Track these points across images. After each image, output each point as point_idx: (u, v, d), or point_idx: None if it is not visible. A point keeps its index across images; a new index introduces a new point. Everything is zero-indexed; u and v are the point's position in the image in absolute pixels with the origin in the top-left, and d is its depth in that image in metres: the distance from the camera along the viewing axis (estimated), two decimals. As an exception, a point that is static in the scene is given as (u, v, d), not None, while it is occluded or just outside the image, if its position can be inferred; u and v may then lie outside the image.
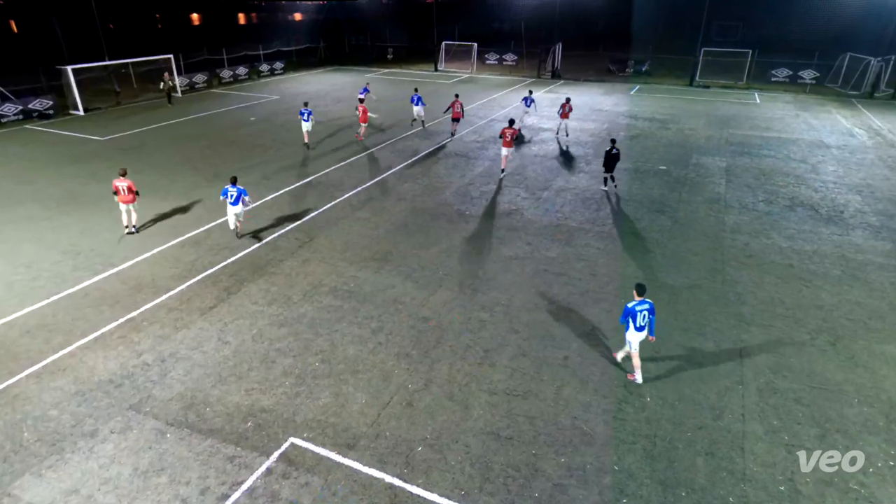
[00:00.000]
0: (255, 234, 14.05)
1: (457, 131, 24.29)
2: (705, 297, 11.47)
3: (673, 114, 29.06)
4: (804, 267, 12.70)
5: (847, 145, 22.96)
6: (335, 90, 36.15)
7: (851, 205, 16.41)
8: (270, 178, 18.31)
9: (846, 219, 15.39)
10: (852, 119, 27.97)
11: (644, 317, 8.68)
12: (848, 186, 17.96)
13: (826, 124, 26.80)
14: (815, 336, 10.19)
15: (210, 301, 11.18)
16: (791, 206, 16.32)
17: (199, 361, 9.44)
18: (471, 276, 12.26)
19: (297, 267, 12.57)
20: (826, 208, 16.11)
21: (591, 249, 13.54)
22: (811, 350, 9.80)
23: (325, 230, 14.51)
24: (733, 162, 20.59)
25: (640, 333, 8.76)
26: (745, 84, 37.69)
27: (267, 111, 29.29)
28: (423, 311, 10.87)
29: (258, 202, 16.28)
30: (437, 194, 17.21)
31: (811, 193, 17.31)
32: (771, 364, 9.42)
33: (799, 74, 36.93)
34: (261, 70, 41.53)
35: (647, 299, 8.76)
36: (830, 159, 20.96)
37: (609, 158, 17.29)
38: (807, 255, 13.24)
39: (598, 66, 43.76)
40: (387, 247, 13.60)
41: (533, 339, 10.05)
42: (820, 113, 29.51)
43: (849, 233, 14.51)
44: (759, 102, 32.81)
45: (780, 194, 17.23)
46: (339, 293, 11.51)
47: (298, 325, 10.40)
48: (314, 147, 21.88)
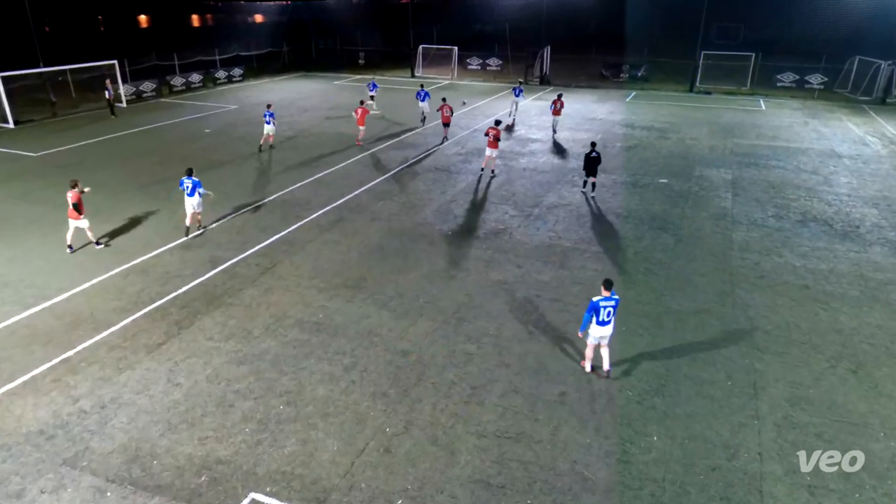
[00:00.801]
0: (203, 228, 14.58)
1: (448, 136, 25.68)
2: (714, 322, 11.60)
3: (673, 122, 29.75)
4: (820, 288, 12.95)
5: (860, 155, 23.68)
6: (301, 99, 36.31)
7: (868, 219, 16.85)
8: (228, 196, 18.20)
9: (863, 234, 15.79)
10: (864, 126, 28.92)
11: (609, 313, 9.49)
12: (863, 199, 18.47)
13: (837, 132, 27.66)
14: (834, 364, 10.34)
15: (158, 337, 10.99)
16: (803, 221, 16.70)
17: (146, 407, 9.21)
18: (455, 303, 12.24)
19: (258, 296, 12.44)
20: (841, 223, 16.52)
21: (588, 272, 13.65)
22: (831, 379, 9.93)
23: (290, 254, 14.42)
24: (739, 174, 21.07)
25: (604, 328, 9.56)
26: (748, 90, 38.85)
27: (224, 122, 29.26)
28: (401, 345, 10.80)
29: (213, 224, 16.15)
30: (416, 213, 17.25)
31: (824, 207, 17.76)
32: (788, 396, 9.51)
33: (806, 79, 38.19)
34: (217, 77, 41.62)
35: (613, 295, 9.49)
36: (843, 170, 21.57)
37: (589, 162, 18.35)
38: (822, 275, 13.51)
39: (590, 71, 44.76)
40: (360, 272, 13.54)
41: (525, 374, 10.01)
42: (830, 120, 30.48)
43: (866, 249, 14.87)
44: (764, 109, 33.79)
45: (792, 208, 17.64)
46: (307, 326, 11.39)
47: (260, 363, 10.24)
48: (279, 170, 21.79)
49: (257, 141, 24.35)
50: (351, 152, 23.46)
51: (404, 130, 27.44)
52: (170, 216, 16.66)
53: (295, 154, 23.33)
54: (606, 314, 9.48)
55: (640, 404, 9.31)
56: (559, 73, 44.28)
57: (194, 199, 15.01)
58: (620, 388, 9.66)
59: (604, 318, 9.49)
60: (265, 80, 44.80)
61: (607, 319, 9.51)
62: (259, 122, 29.06)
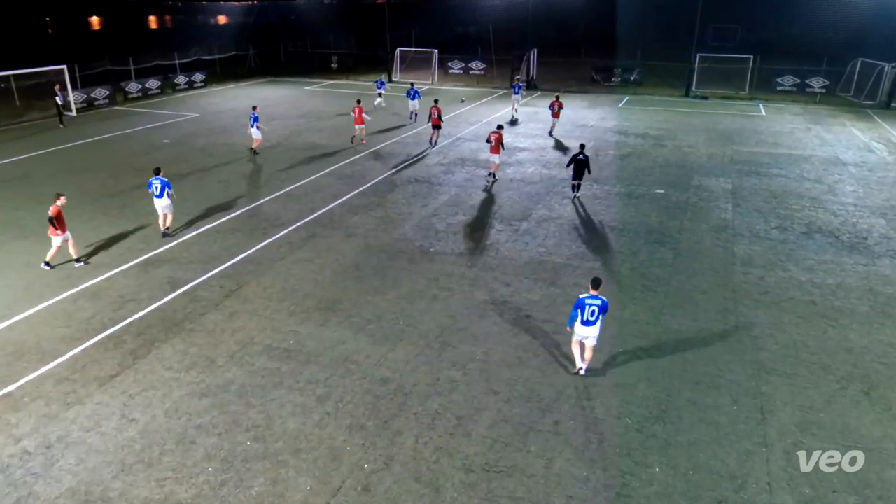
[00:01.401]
0: (168, 232, 14.73)
1: (437, 140, 26.56)
2: (717, 342, 11.70)
3: (668, 129, 30.24)
4: (828, 303, 13.15)
5: (865, 162, 24.24)
6: (268, 106, 36.31)
7: (875, 230, 17.20)
8: (189, 212, 18.06)
9: (871, 246, 16.10)
10: (869, 132, 29.65)
11: (593, 312, 10.07)
12: (870, 209, 18.87)
13: (841, 138, 28.32)
14: (845, 385, 10.47)
15: (111, 368, 10.81)
16: (808, 232, 17.00)
17: (97, 446, 9.02)
18: (438, 326, 12.21)
19: (222, 322, 12.32)
20: (848, 234, 16.84)
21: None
22: (843, 402, 10.04)
23: (258, 275, 14.33)
24: (740, 183, 21.44)
25: (588, 328, 10.17)
26: (747, 94, 39.70)
27: (184, 132, 29.14)
28: (380, 372, 10.73)
29: (173, 242, 16.01)
30: (395, 228, 17.26)
31: (830, 218, 18.10)
32: (798, 420, 9.60)
33: (807, 82, 39.15)
34: (176, 83, 41.55)
35: (600, 295, 10.15)
36: (848, 178, 22.05)
37: (577, 164, 19.18)
38: (830, 290, 13.73)
39: (579, 75, 45.44)
40: (334, 294, 13.47)
41: (516, 402, 9.99)
42: (833, 126, 31.21)
43: (875, 262, 15.15)
44: (764, 114, 34.51)
45: (795, 219, 17.96)
46: (276, 353, 11.29)
47: (225, 395, 10.11)
48: (245, 183, 21.71)
49: (221, 152, 24.30)
50: (323, 163, 23.46)
51: (381, 140, 27.53)
52: (124, 234, 16.48)
53: (262, 166, 23.27)
54: (591, 313, 10.05)
55: (640, 432, 9.32)
56: (547, 77, 44.86)
57: (163, 200, 15.91)
58: (619, 415, 9.67)
59: (588, 317, 10.07)
60: (229, 85, 44.77)
61: (592, 319, 10.07)
62: (223, 131, 29.06)
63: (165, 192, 15.97)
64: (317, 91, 43.01)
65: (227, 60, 49.94)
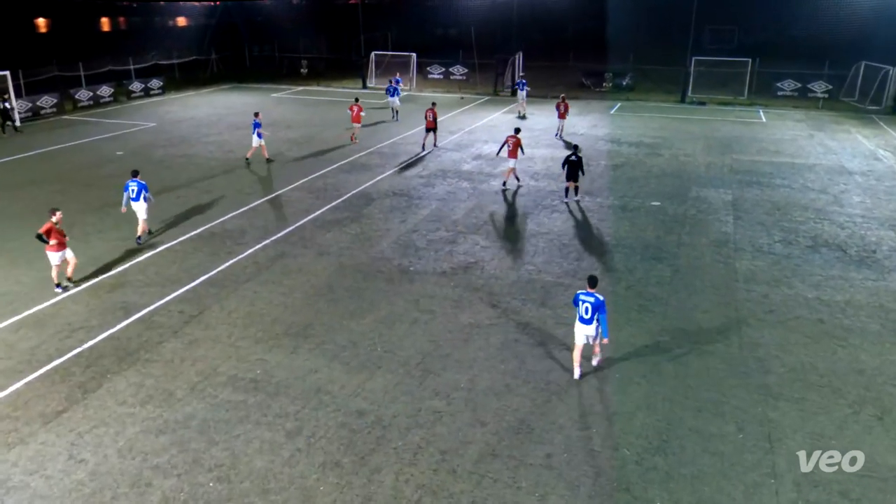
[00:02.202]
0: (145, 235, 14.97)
1: (427, 144, 27.83)
2: (720, 366, 11.78)
3: (664, 136, 30.67)
4: (836, 322, 13.33)
5: (872, 171, 24.76)
6: (232, 114, 36.25)
7: (885, 242, 17.52)
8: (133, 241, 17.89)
9: (880, 260, 16.39)
10: (875, 139, 30.32)
11: (586, 309, 10.80)
12: (878, 220, 19.24)
13: (845, 146, 28.91)
14: (857, 409, 10.58)
15: (58, 404, 10.63)
16: (814, 246, 17.27)
17: (42, 491, 8.83)
18: (419, 352, 12.17)
19: (181, 350, 12.18)
20: (855, 248, 17.13)
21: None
22: (855, 427, 10.14)
23: (221, 299, 14.21)
24: (741, 194, 21.76)
25: (585, 327, 10.90)
26: (746, 99, 40.44)
27: (140, 143, 28.97)
28: (356, 403, 10.66)
29: (128, 263, 15.84)
30: (372, 246, 17.24)
31: (836, 230, 18.42)
32: (808, 448, 9.66)
33: (809, 87, 40.00)
34: (131, 90, 41.40)
35: (595, 293, 10.81)
36: (855, 188, 22.49)
37: (570, 166, 20.16)
38: (838, 308, 13.92)
39: (568, 80, 46.00)
40: (305, 318, 13.40)
41: (505, 434, 9.96)
42: (837, 132, 31.87)
43: (885, 277, 15.41)
44: (764, 121, 35.15)
45: (800, 232, 18.24)
46: (241, 384, 11.17)
47: (185, 431, 9.98)
48: (207, 199, 21.61)
49: (179, 164, 24.15)
50: (293, 176, 23.42)
51: (356, 150, 27.57)
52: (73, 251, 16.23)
53: (226, 179, 23.17)
54: (585, 310, 10.81)
55: (640, 465, 9.32)
56: (534, 82, 45.13)
57: (139, 203, 16.84)
58: (616, 446, 9.68)
59: (583, 314, 10.85)
60: (189, 92, 44.66)
61: (587, 317, 10.82)
62: (182, 142, 28.93)
63: (142, 196, 16.81)
64: (285, 98, 43.04)
65: (186, 65, 49.83)
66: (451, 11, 59.05)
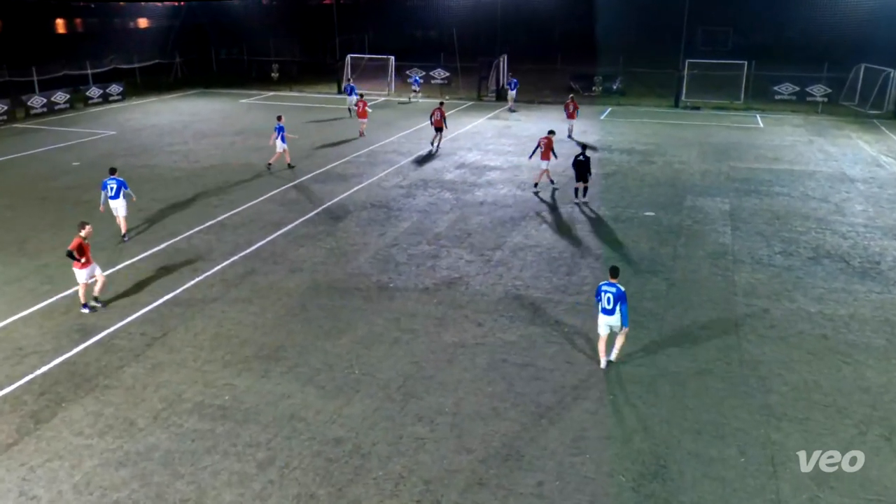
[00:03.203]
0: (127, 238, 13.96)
1: (439, 142, 29.54)
2: (720, 385, 11.84)
3: (657, 143, 30.99)
4: (841, 338, 13.47)
5: (875, 178, 25.16)
6: (197, 122, 36.13)
7: (889, 253, 17.78)
8: (104, 247, 17.74)
9: (885, 271, 16.61)
10: (877, 145, 30.86)
11: (609, 300, 11.70)
12: (882, 230, 19.53)
13: (846, 152, 29.39)
14: (864, 430, 10.67)
15: (7, 435, 10.47)
16: (815, 257, 17.48)
17: (-11, 531, 8.65)
18: (400, 374, 12.12)
19: (143, 376, 12.05)
20: (859, 259, 17.36)
21: (565, 328, 13.79)
22: (863, 448, 10.20)
23: (186, 319, 14.10)
24: (738, 203, 22.00)
25: (608, 317, 11.81)
26: (742, 104, 41.02)
27: (98, 153, 28.77)
28: (333, 431, 10.58)
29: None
30: (348, 261, 17.20)
31: (839, 241, 18.66)
32: (813, 472, 9.72)
33: (807, 90, 40.66)
34: (89, 96, 41.19)
35: (617, 283, 11.77)
36: (857, 196, 22.84)
37: (579, 166, 21.53)
38: (843, 322, 14.08)
39: (556, 84, 46.41)
40: (277, 339, 13.32)
41: (493, 461, 9.92)
42: (837, 138, 32.39)
43: (890, 290, 15.62)
44: (762, 126, 35.65)
45: (801, 243, 18.46)
46: (209, 411, 11.07)
47: (147, 464, 9.85)
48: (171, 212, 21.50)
49: (141, 175, 24.00)
50: (262, 188, 23.34)
51: (331, 160, 27.57)
52: (24, 274, 16.07)
53: (191, 191, 23.04)
54: (607, 301, 11.75)
55: (637, 492, 9.32)
56: (520, 87, 45.63)
57: (119, 201, 17.85)
58: (611, 472, 9.67)
59: (605, 305, 11.80)
60: (152, 98, 44.49)
61: (609, 307, 11.75)
62: (143, 151, 28.76)
63: (122, 193, 17.85)
64: (255, 104, 42.97)
65: (148, 69, 49.65)
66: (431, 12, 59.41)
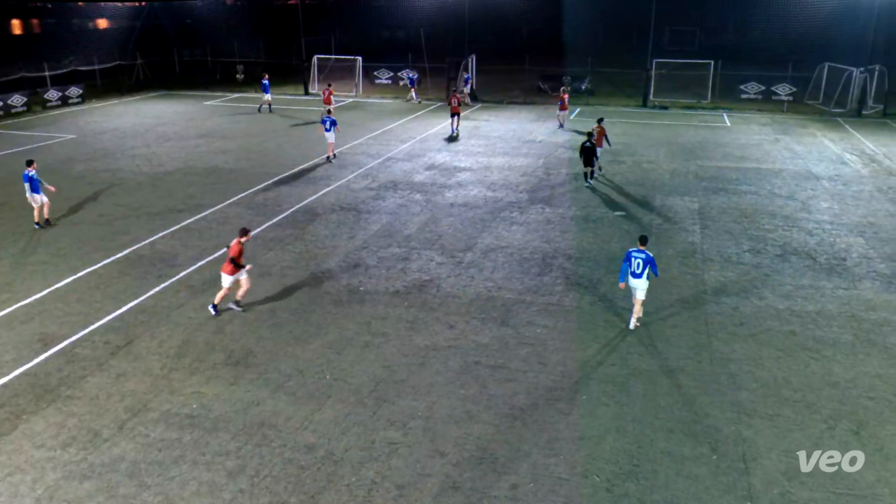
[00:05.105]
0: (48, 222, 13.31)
1: (457, 128, 32.46)
2: (691, 383, 12.00)
3: (626, 143, 31.32)
4: (809, 333, 13.74)
5: (839, 175, 25.72)
6: (160, 124, 35.71)
7: (854, 249, 18.18)
8: (64, 254, 17.46)
9: (850, 268, 16.99)
10: (841, 143, 31.54)
11: (638, 265, 13.15)
12: (847, 227, 19.96)
13: (812, 150, 30.00)
14: (833, 424, 10.90)
15: (-35, 450, 10.20)
16: (783, 254, 17.81)
17: (-53, 549, 8.44)
18: (371, 379, 12.10)
19: (107, 385, 11.89)
20: (825, 255, 17.73)
21: (537, 329, 13.87)
22: (831, 443, 10.43)
23: (151, 326, 13.94)
24: (707, 202, 22.34)
25: (637, 280, 13.23)
26: (710, 103, 41.66)
27: (57, 157, 28.30)
28: (304, 437, 10.53)
29: (45, 290, 15.40)
30: (318, 264, 17.12)
31: (805, 238, 19.04)
32: (784, 468, 9.90)
33: (773, 89, 41.47)
34: (47, 99, 40.61)
35: (647, 250, 13.21)
36: (822, 193, 23.32)
37: (585, 152, 23.95)
38: (810, 318, 14.36)
39: (524, 84, 46.66)
40: (246, 344, 13.23)
41: (466, 464, 9.95)
42: (803, 136, 33.06)
43: (856, 285, 15.98)
44: (729, 125, 36.25)
45: (769, 241, 18.80)
46: (176, 420, 10.95)
47: (112, 475, 9.72)
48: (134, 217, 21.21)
49: (103, 180, 23.71)
50: (228, 192, 23.12)
51: (298, 162, 27.41)
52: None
53: (155, 195, 22.76)
54: (637, 265, 13.18)
55: (610, 492, 9.41)
56: (488, 88, 45.89)
57: (38, 194, 19.13)
58: (585, 472, 9.75)
59: (635, 269, 13.22)
60: (113, 100, 43.87)
61: (638, 272, 13.19)
62: (105, 155, 28.32)
63: (40, 185, 19.15)
64: (219, 106, 42.57)
65: (109, 71, 48.93)
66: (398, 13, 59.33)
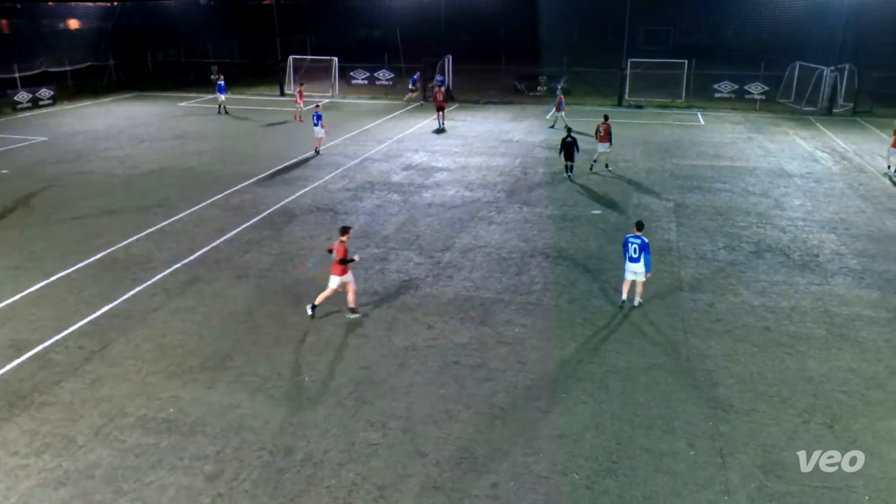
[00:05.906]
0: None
1: (443, 122, 34.45)
2: (669, 379, 12.12)
3: (602, 142, 31.48)
4: (783, 329, 13.93)
5: (811, 173, 26.11)
6: (134, 126, 35.35)
7: (826, 246, 18.46)
8: (36, 258, 17.22)
9: (823, 264, 17.25)
10: (812, 141, 32.02)
11: (635, 250, 13.85)
12: (819, 223, 20.27)
13: (784, 148, 30.42)
14: (807, 418, 11.06)
15: (-64, 458, 10.02)
16: (757, 251, 18.04)
17: (-82, 560, 8.29)
18: (350, 380, 12.08)
19: (82, 391, 11.75)
20: (798, 252, 17.99)
21: (515, 328, 13.92)
22: (806, 437, 10.59)
23: (127, 330, 13.81)
24: (682, 200, 22.56)
25: (634, 265, 13.95)
26: (684, 102, 42.09)
27: (28, 160, 27.93)
28: (283, 440, 10.49)
29: (17, 295, 15.18)
30: (295, 266, 17.06)
31: (779, 235, 19.30)
32: (760, 462, 10.03)
33: (746, 88, 41.98)
34: (17, 100, 40.08)
35: (641, 235, 13.91)
36: (795, 191, 23.65)
37: (566, 147, 24.70)
38: (784, 314, 14.56)
39: (501, 84, 46.80)
40: (223, 348, 13.14)
41: (447, 464, 9.96)
42: (775, 134, 33.51)
43: (828, 281, 16.23)
44: (703, 124, 36.66)
45: (743, 238, 19.03)
46: (153, 424, 10.86)
47: (88, 482, 9.61)
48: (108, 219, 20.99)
49: (75, 182, 23.45)
50: (203, 193, 22.94)
51: (274, 163, 27.28)
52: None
53: (129, 197, 22.53)
54: (634, 251, 13.86)
55: (590, 489, 9.47)
56: (464, 88, 45.94)
57: None
58: (565, 470, 9.80)
59: (632, 254, 13.90)
60: (85, 102, 43.35)
61: (635, 256, 13.87)
62: (78, 158, 27.99)
63: None
64: (194, 107, 42.22)
65: (81, 72, 48.39)
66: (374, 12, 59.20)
